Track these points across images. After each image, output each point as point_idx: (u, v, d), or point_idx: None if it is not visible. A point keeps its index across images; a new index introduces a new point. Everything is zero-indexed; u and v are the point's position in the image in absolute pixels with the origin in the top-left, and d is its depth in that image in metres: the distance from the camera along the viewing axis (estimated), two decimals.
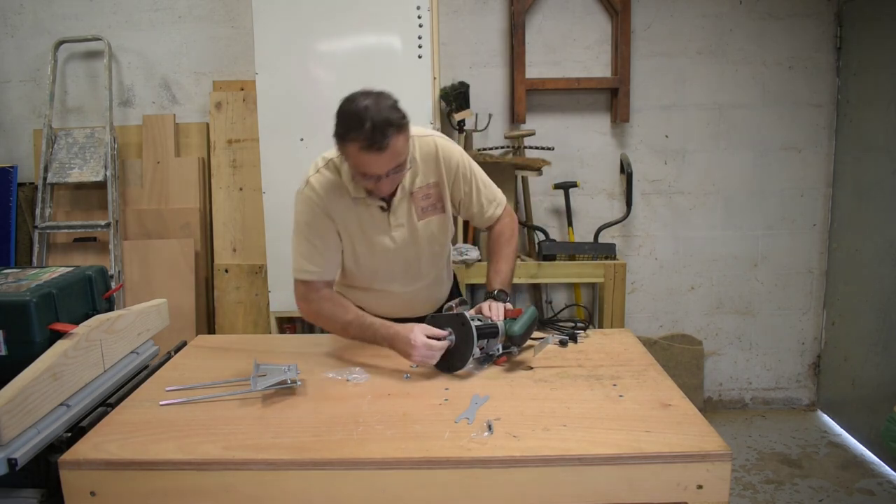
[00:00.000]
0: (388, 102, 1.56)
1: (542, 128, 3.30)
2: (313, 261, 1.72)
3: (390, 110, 1.54)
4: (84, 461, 1.21)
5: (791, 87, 3.33)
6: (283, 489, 1.21)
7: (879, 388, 2.96)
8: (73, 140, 3.25)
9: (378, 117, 1.50)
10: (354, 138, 1.52)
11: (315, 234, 1.71)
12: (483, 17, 3.30)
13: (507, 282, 1.83)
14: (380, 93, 1.58)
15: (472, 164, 1.84)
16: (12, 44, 3.34)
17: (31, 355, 1.34)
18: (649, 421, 1.32)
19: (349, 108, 1.54)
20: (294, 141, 2.82)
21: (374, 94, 1.56)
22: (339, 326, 1.74)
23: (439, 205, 1.80)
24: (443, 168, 1.77)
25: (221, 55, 3.33)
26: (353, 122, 1.51)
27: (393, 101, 1.58)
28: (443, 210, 1.81)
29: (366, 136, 1.50)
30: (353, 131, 1.51)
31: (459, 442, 1.24)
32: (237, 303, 3.27)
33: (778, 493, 2.73)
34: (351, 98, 1.56)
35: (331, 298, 1.76)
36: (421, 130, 1.78)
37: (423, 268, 1.85)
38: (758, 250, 3.46)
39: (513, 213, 1.95)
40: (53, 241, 3.31)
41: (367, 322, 1.70)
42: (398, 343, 1.62)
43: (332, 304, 1.74)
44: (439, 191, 1.79)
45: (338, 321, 1.73)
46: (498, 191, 1.91)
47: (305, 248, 1.72)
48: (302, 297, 1.76)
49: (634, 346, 1.78)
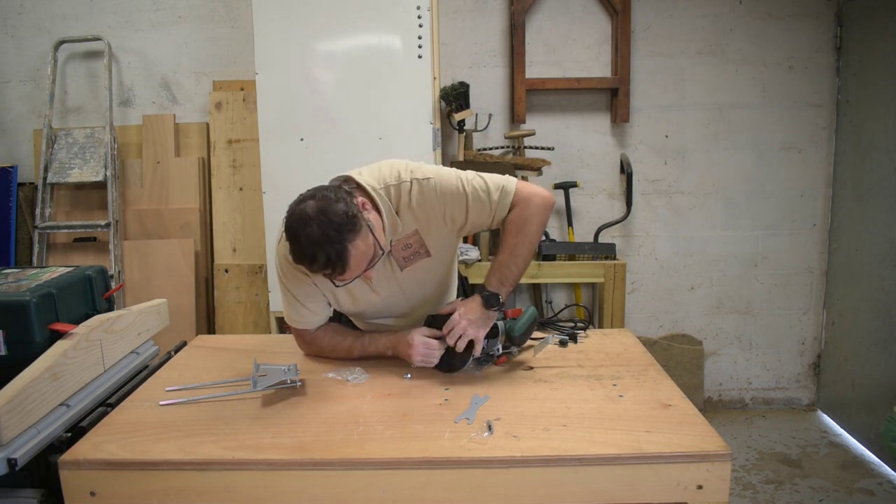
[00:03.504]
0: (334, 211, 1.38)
1: (542, 128, 3.31)
2: (300, 312, 1.68)
3: (339, 227, 1.37)
4: (84, 461, 1.21)
5: (791, 88, 3.33)
6: (283, 489, 1.21)
7: (879, 388, 2.96)
8: (73, 140, 3.25)
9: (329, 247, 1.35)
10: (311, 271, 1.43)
11: (295, 289, 1.64)
12: (483, 17, 3.30)
13: (506, 278, 1.59)
14: (323, 196, 1.40)
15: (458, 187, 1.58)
16: (12, 44, 3.34)
17: (31, 355, 1.34)
18: (649, 421, 1.32)
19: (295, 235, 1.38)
20: (294, 141, 2.82)
21: (317, 208, 1.38)
22: (342, 352, 1.71)
23: (422, 250, 1.63)
24: (419, 215, 1.59)
25: (221, 55, 3.33)
26: (302, 258, 1.39)
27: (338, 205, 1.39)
28: (427, 254, 1.64)
29: (322, 270, 1.39)
30: (306, 264, 1.40)
31: (459, 442, 1.24)
32: (237, 303, 3.27)
33: (778, 493, 2.73)
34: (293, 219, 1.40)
35: (325, 333, 1.72)
36: (391, 176, 1.58)
37: (417, 305, 1.76)
38: (758, 250, 3.46)
39: (529, 198, 1.60)
40: (53, 241, 3.31)
41: (367, 338, 1.69)
42: (399, 347, 1.63)
43: (329, 337, 1.72)
44: (419, 237, 1.61)
45: (339, 349, 1.71)
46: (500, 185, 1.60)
47: (290, 302, 1.68)
48: (299, 338, 1.75)
49: (634, 346, 1.77)
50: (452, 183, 1.58)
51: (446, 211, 1.59)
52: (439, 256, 1.67)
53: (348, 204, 1.42)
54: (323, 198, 1.41)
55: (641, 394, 1.45)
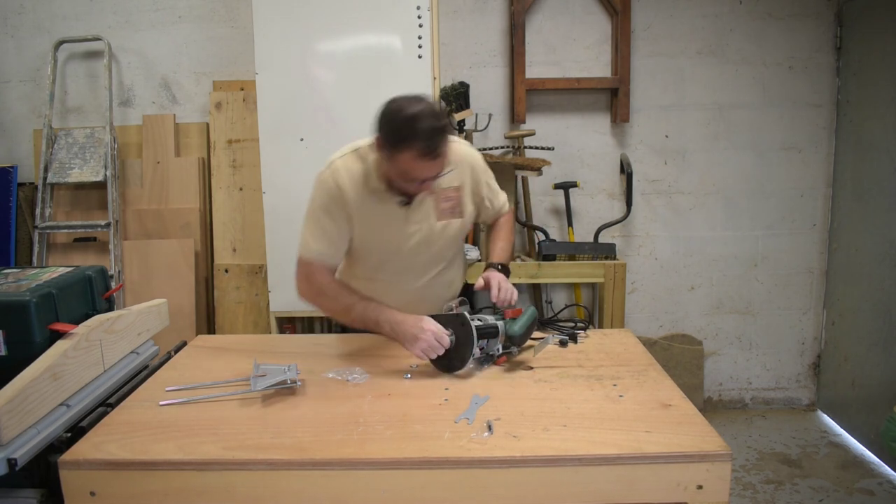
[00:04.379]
0: (436, 108, 1.56)
1: (542, 128, 3.31)
2: (321, 242, 1.72)
3: (440, 116, 1.55)
4: (84, 461, 1.21)
5: (791, 88, 3.33)
6: (283, 489, 1.21)
7: (879, 388, 2.96)
8: (73, 140, 3.25)
9: (433, 125, 1.51)
10: (409, 147, 1.52)
11: (327, 217, 1.71)
12: (483, 17, 3.30)
13: (506, 258, 1.89)
14: (423, 98, 1.57)
15: (487, 168, 1.89)
16: (12, 44, 3.34)
17: (31, 355, 1.34)
18: (649, 421, 1.32)
19: (400, 116, 1.53)
20: (294, 141, 2.82)
21: (421, 100, 1.55)
22: (341, 307, 1.71)
23: (458, 209, 1.80)
24: (468, 173, 1.80)
25: (221, 55, 3.33)
26: (407, 131, 1.51)
27: (438, 107, 1.59)
28: (461, 215, 1.81)
29: (422, 145, 1.51)
30: (408, 140, 1.52)
31: (459, 442, 1.24)
32: (237, 303, 3.27)
33: (778, 493, 2.73)
34: (398, 105, 1.55)
35: (333, 281, 1.75)
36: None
37: (433, 267, 1.84)
38: (758, 250, 3.46)
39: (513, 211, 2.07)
40: (53, 241, 3.31)
41: (373, 304, 1.68)
42: (406, 327, 1.59)
43: (336, 286, 1.73)
44: (460, 195, 1.79)
45: (341, 302, 1.71)
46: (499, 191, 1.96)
47: (315, 230, 1.72)
48: (304, 276, 1.74)
49: (634, 346, 1.78)
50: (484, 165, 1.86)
51: (479, 182, 1.83)
52: (464, 226, 1.84)
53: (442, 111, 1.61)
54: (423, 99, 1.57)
55: (641, 394, 1.45)
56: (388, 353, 1.71)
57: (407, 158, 1.54)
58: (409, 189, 1.65)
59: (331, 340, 1.91)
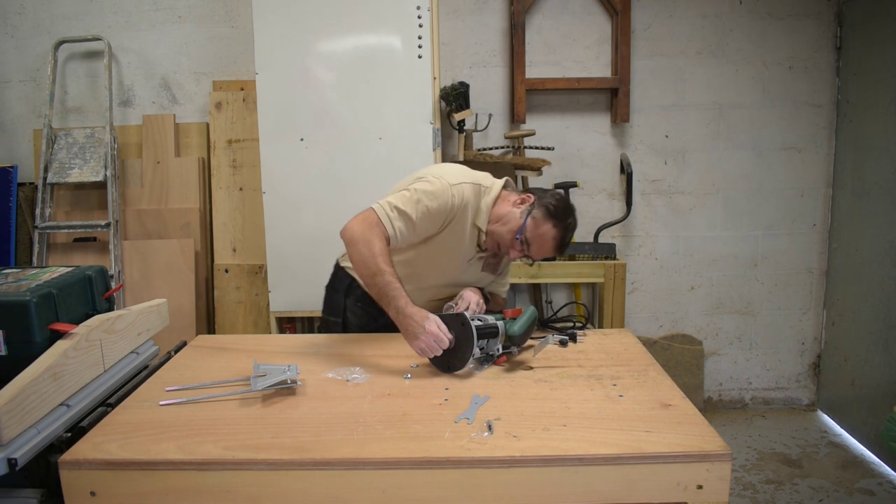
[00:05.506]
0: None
1: (542, 128, 3.31)
2: (400, 223, 1.74)
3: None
4: (84, 461, 1.21)
5: (791, 87, 3.33)
6: (283, 489, 1.21)
7: (879, 388, 2.96)
8: (73, 140, 3.25)
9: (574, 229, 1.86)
10: (561, 228, 1.80)
11: (424, 217, 1.76)
12: (483, 17, 3.30)
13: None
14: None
15: None
16: (12, 44, 3.34)
17: (31, 355, 1.34)
18: (649, 421, 1.32)
19: (570, 205, 1.86)
20: (294, 141, 2.82)
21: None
22: (373, 266, 1.67)
23: (497, 269, 2.00)
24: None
25: (221, 55, 3.33)
26: (569, 217, 1.83)
27: None
28: (494, 272, 1.99)
29: (566, 233, 1.82)
30: (564, 222, 1.80)
31: (459, 442, 1.24)
32: (237, 303, 3.27)
33: (778, 493, 2.73)
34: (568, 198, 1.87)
35: (385, 245, 1.72)
36: None
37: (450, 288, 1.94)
38: (758, 250, 3.46)
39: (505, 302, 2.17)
40: (53, 241, 3.31)
41: (396, 286, 1.65)
42: (410, 322, 1.59)
43: (382, 248, 1.70)
44: (505, 262, 2.01)
45: (377, 261, 1.67)
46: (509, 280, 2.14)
47: (407, 212, 1.75)
48: (366, 220, 1.73)
49: (634, 346, 1.77)
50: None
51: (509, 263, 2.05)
52: (487, 280, 2.00)
53: None
54: None
55: (641, 394, 1.45)
56: (388, 353, 1.71)
57: (547, 230, 1.78)
58: (503, 244, 1.82)
59: (331, 340, 1.91)
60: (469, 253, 1.87)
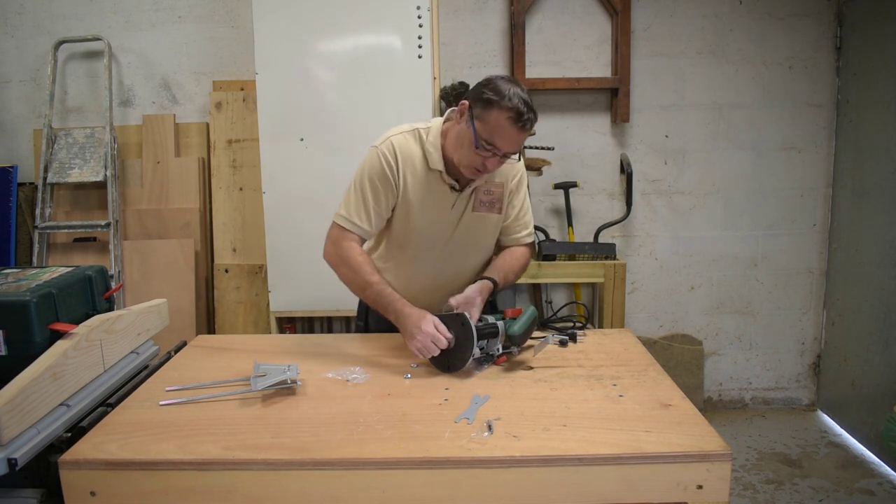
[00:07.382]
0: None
1: (542, 128, 3.30)
2: (360, 215, 1.73)
3: (530, 103, 1.60)
4: (84, 461, 1.21)
5: (791, 87, 3.33)
6: (283, 489, 1.21)
7: (879, 388, 2.96)
8: (73, 140, 3.25)
9: (526, 100, 1.58)
10: (506, 107, 1.56)
11: (373, 192, 1.72)
12: (483, 17, 3.30)
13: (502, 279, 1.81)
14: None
15: (526, 182, 1.90)
16: (12, 44, 3.34)
17: (31, 355, 1.34)
18: (649, 421, 1.32)
19: (500, 82, 1.60)
20: (294, 141, 2.82)
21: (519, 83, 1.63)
22: (359, 282, 1.70)
23: (497, 205, 1.82)
24: (511, 173, 1.82)
25: (221, 55, 3.33)
26: (506, 92, 1.57)
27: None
28: (499, 211, 1.83)
29: (515, 109, 1.56)
30: (507, 100, 1.56)
31: (459, 442, 1.24)
32: (237, 303, 3.27)
33: (778, 493, 2.73)
34: (496, 76, 1.62)
35: (362, 254, 1.74)
36: None
37: (458, 255, 1.85)
38: (758, 250, 3.46)
39: (533, 250, 1.98)
40: (53, 241, 3.31)
41: (388, 290, 1.67)
42: (408, 322, 1.60)
43: (361, 260, 1.72)
44: (501, 192, 1.82)
45: (360, 277, 1.70)
46: (532, 220, 1.93)
47: (357, 199, 1.73)
48: (333, 240, 1.75)
49: (634, 346, 1.77)
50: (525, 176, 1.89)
51: (518, 193, 1.85)
52: (499, 223, 1.85)
53: None
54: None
55: (641, 394, 1.45)
56: (387, 354, 1.71)
57: (497, 118, 1.57)
58: (475, 164, 1.64)
59: (331, 340, 1.91)
60: (447, 199, 1.76)
